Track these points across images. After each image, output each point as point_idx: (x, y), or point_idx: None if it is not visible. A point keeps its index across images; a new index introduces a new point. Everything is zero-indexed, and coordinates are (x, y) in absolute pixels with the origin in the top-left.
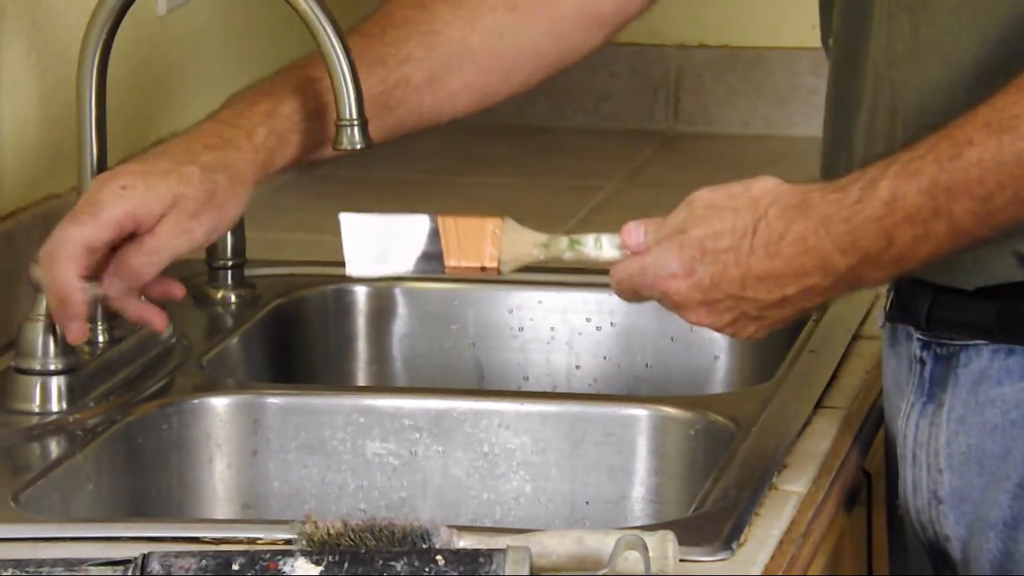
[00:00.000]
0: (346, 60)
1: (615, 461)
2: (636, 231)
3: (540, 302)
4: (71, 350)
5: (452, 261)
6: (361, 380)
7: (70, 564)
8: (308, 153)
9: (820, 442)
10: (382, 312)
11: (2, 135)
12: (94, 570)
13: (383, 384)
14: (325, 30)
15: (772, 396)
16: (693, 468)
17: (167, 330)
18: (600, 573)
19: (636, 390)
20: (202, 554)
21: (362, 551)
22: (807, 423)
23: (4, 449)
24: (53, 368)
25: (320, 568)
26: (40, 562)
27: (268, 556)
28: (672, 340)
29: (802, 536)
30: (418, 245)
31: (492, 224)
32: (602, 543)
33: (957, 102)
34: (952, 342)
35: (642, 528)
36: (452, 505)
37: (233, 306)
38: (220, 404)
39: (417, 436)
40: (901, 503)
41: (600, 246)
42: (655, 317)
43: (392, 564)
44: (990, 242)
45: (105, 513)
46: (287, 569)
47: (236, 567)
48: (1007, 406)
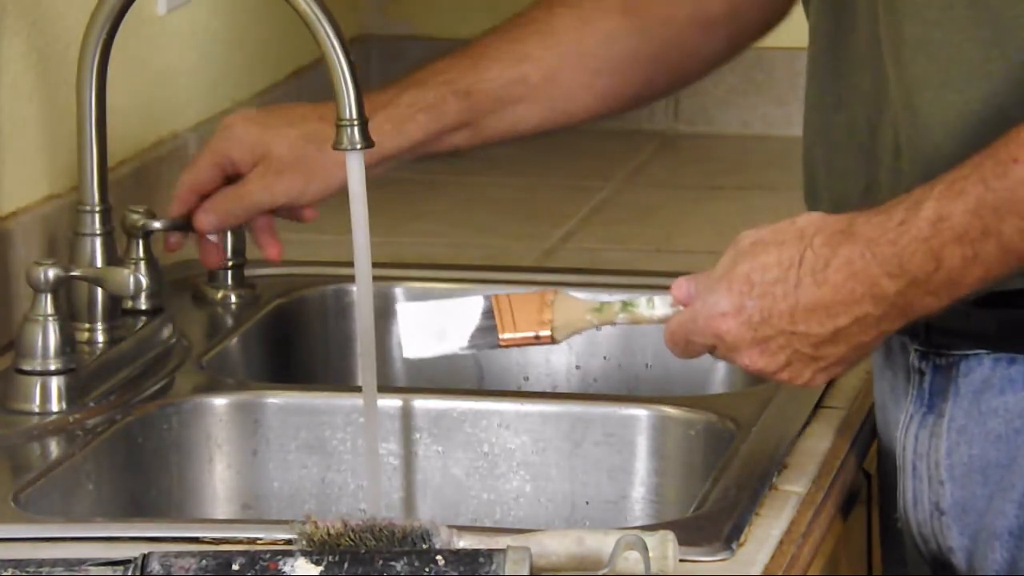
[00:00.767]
0: (346, 60)
1: (615, 461)
2: (686, 284)
3: None
4: (71, 350)
5: (507, 334)
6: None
7: (70, 564)
8: (423, 146)
9: (820, 442)
10: (382, 312)
11: (2, 135)
12: (94, 570)
13: (383, 384)
14: (325, 30)
15: (772, 396)
16: (693, 468)
17: (273, 255)
18: (600, 573)
19: (636, 390)
20: (202, 554)
21: (362, 551)
22: (807, 423)
23: (4, 449)
24: (53, 368)
25: (320, 568)
26: (40, 562)
27: (268, 556)
28: None
29: (802, 536)
30: (472, 323)
31: (545, 295)
32: (602, 543)
33: (945, 99)
34: (951, 352)
35: (642, 528)
36: (452, 505)
37: (233, 306)
38: (220, 404)
39: (417, 436)
40: (900, 515)
41: (653, 305)
42: None
43: (392, 564)
44: None
45: (105, 513)
46: (287, 569)
47: (236, 567)
48: (1010, 415)
